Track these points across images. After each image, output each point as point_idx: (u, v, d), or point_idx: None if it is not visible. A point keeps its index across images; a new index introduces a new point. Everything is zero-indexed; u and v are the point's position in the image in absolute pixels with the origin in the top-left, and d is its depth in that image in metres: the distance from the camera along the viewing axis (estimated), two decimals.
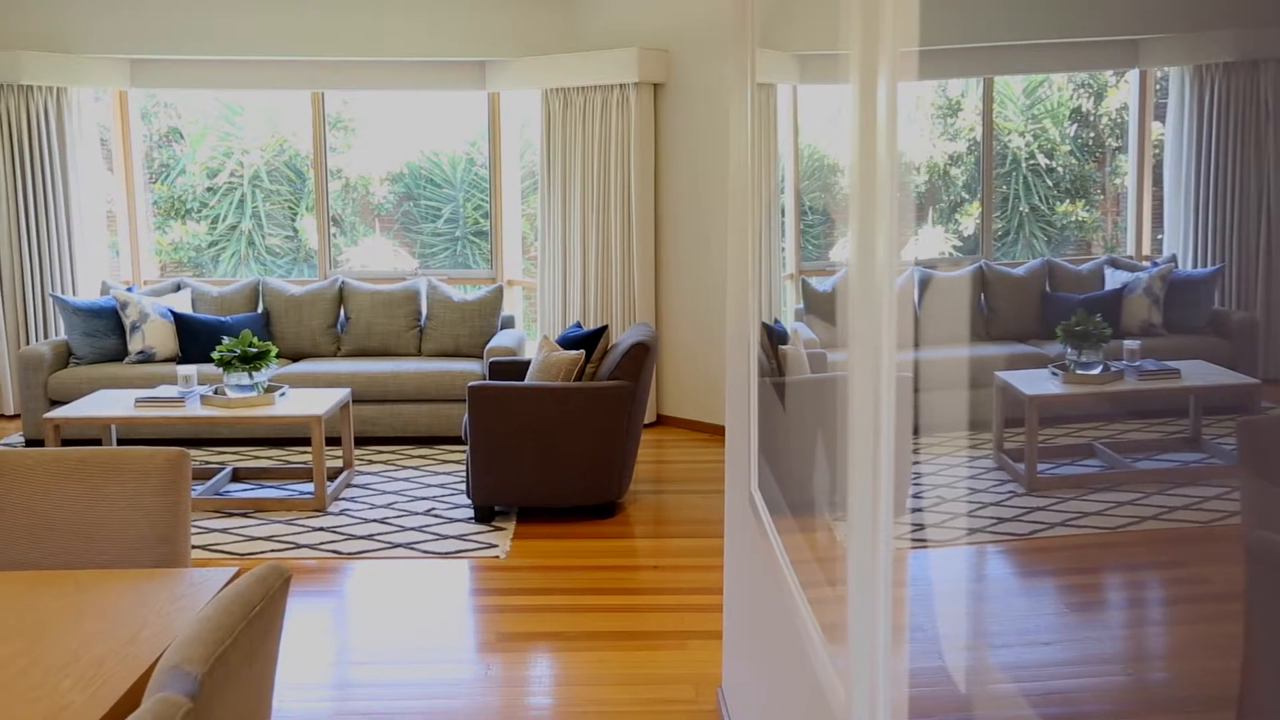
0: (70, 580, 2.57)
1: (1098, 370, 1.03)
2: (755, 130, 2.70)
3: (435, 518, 5.54)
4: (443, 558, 4.99)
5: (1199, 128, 0.94)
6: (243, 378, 5.86)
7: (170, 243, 9.42)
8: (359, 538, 5.25)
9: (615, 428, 5.34)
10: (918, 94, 1.37)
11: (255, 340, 5.89)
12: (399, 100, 9.04)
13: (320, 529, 5.38)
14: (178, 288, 7.68)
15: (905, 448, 1.41)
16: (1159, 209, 1.03)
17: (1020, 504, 1.17)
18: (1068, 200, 1.15)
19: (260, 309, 7.65)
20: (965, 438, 1.29)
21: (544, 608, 4.42)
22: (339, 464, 6.40)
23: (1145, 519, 0.96)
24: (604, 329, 5.61)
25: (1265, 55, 0.79)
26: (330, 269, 8.47)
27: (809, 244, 2.27)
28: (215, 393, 5.90)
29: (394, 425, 7.00)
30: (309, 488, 6.00)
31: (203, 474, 6.14)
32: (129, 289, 7.41)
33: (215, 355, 5.85)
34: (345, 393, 6.17)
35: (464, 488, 5.97)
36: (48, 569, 2.75)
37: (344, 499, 5.85)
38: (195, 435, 7.02)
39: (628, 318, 7.50)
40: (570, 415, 5.31)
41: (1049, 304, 1.12)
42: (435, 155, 9.40)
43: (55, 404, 6.92)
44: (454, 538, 5.23)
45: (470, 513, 5.59)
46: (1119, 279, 1.04)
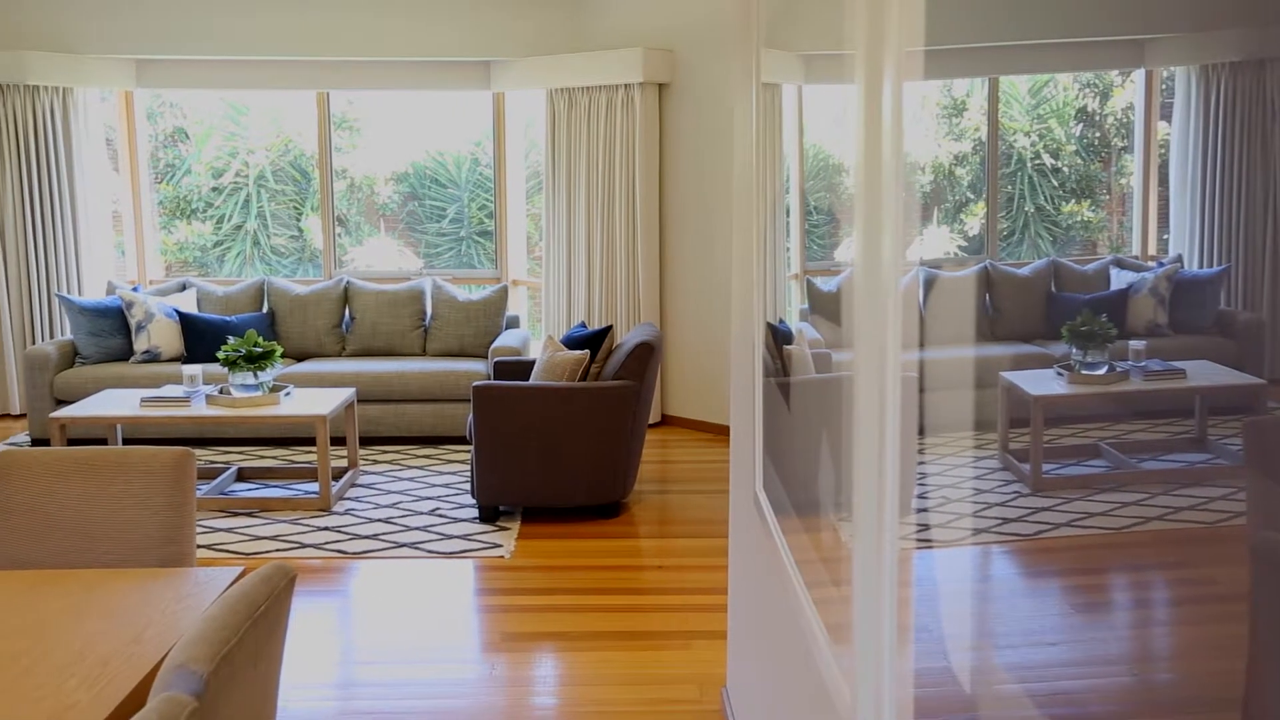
0: (75, 579, 2.57)
1: (1103, 370, 1.03)
2: (760, 130, 2.70)
3: (440, 517, 5.54)
4: (447, 557, 4.99)
5: (1205, 127, 0.94)
6: (248, 377, 5.86)
7: (176, 242, 9.44)
8: (364, 537, 5.26)
9: (620, 428, 5.34)
10: (923, 94, 1.37)
11: (260, 340, 5.90)
12: (404, 100, 9.05)
13: (325, 529, 5.38)
14: (183, 287, 7.69)
15: (910, 448, 1.40)
16: (1165, 209, 1.02)
17: (1025, 504, 1.17)
18: (1073, 200, 1.15)
19: (265, 309, 7.66)
20: (970, 438, 1.29)
21: (548, 608, 4.42)
22: (344, 464, 6.41)
23: (1151, 519, 0.96)
24: (609, 329, 5.61)
25: (1271, 55, 0.79)
26: (335, 269, 8.48)
27: (814, 244, 2.27)
28: (220, 392, 5.91)
29: (399, 425, 7.01)
30: (314, 487, 6.00)
31: (208, 474, 6.15)
32: (134, 289, 7.42)
33: (220, 355, 5.85)
34: (350, 392, 6.18)
35: (469, 488, 5.97)
36: (53, 568, 2.76)
37: (349, 499, 5.86)
38: (200, 435, 7.03)
39: (632, 318, 7.50)
40: (575, 415, 5.31)
41: (1054, 304, 1.12)
42: (440, 155, 9.41)
43: (61, 403, 6.94)
44: (458, 537, 5.24)
45: (475, 512, 5.59)
46: (1124, 279, 1.03)
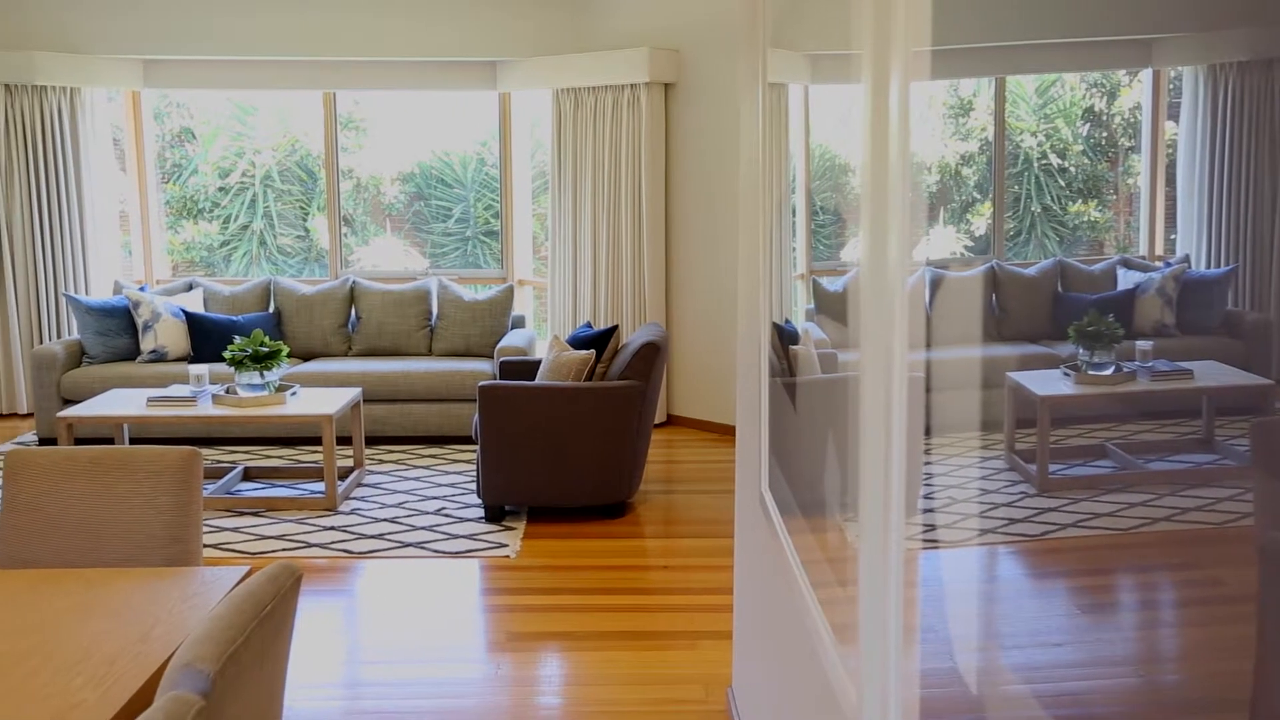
0: (82, 578, 2.58)
1: (1110, 371, 1.02)
2: (766, 130, 2.70)
3: (445, 517, 5.54)
4: (453, 557, 4.99)
5: (1213, 127, 0.94)
6: (254, 377, 5.87)
7: (182, 242, 9.45)
8: (369, 537, 5.26)
9: (625, 427, 5.34)
10: (929, 94, 1.37)
11: (266, 340, 5.91)
12: (410, 100, 9.06)
13: (331, 528, 5.39)
14: (190, 287, 7.71)
15: (917, 448, 1.40)
16: (1172, 209, 1.02)
17: (1032, 505, 1.17)
18: (1080, 200, 1.14)
19: (272, 308, 7.67)
20: (977, 438, 1.29)
21: (554, 607, 4.42)
22: (350, 463, 6.42)
23: (1158, 520, 0.96)
24: (614, 329, 5.61)
25: None
26: (341, 269, 8.49)
27: (820, 244, 2.26)
28: (227, 392, 5.91)
29: (404, 425, 7.01)
30: (320, 487, 6.01)
31: (214, 473, 6.16)
32: (141, 288, 7.44)
33: (227, 355, 5.86)
34: (356, 392, 6.19)
35: (474, 487, 5.97)
36: (60, 567, 2.76)
37: (355, 498, 5.87)
38: (207, 434, 7.04)
39: (638, 317, 7.50)
40: (581, 415, 5.31)
41: (1061, 304, 1.11)
42: (446, 155, 9.42)
43: (68, 403, 6.95)
44: (464, 537, 5.24)
45: (480, 512, 5.59)
46: (1131, 279, 1.03)
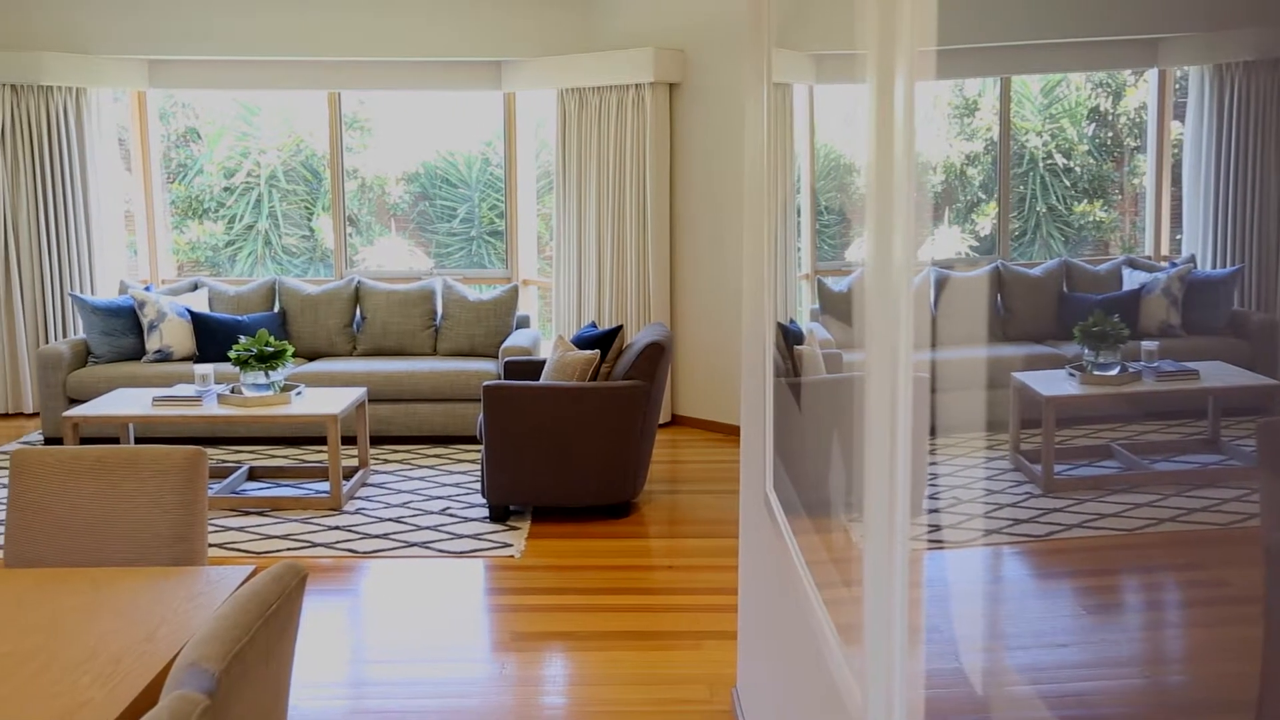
0: (88, 578, 2.58)
1: (1115, 371, 1.02)
2: (771, 130, 2.70)
3: (450, 517, 5.55)
4: (458, 557, 5.00)
5: (1219, 127, 0.94)
6: (259, 377, 5.88)
7: (187, 242, 9.47)
8: (374, 537, 5.27)
9: (630, 427, 5.35)
10: (935, 94, 1.37)
11: (272, 339, 5.91)
12: (415, 100, 9.07)
13: (336, 528, 5.39)
14: (195, 287, 7.72)
15: (922, 448, 1.40)
16: (1178, 209, 1.02)
17: (1037, 505, 1.17)
18: (1085, 200, 1.14)
19: (277, 308, 7.68)
20: (982, 438, 1.29)
21: (558, 607, 4.42)
22: (355, 463, 6.42)
23: (1163, 521, 0.96)
24: (619, 329, 5.61)
25: None
26: (346, 268, 8.50)
27: (825, 244, 2.26)
28: (232, 392, 5.92)
29: (409, 424, 7.02)
30: (325, 487, 6.02)
31: (219, 472, 6.16)
32: (147, 288, 7.45)
33: (232, 354, 5.87)
34: (361, 392, 6.19)
35: (479, 487, 5.98)
36: (66, 566, 2.77)
37: (359, 498, 5.87)
38: (212, 434, 7.05)
39: (643, 317, 7.50)
40: (585, 415, 5.31)
41: (1066, 304, 1.11)
42: (451, 155, 9.42)
43: (74, 402, 6.97)
44: (469, 537, 5.24)
45: (485, 512, 5.60)
46: (1137, 279, 1.03)
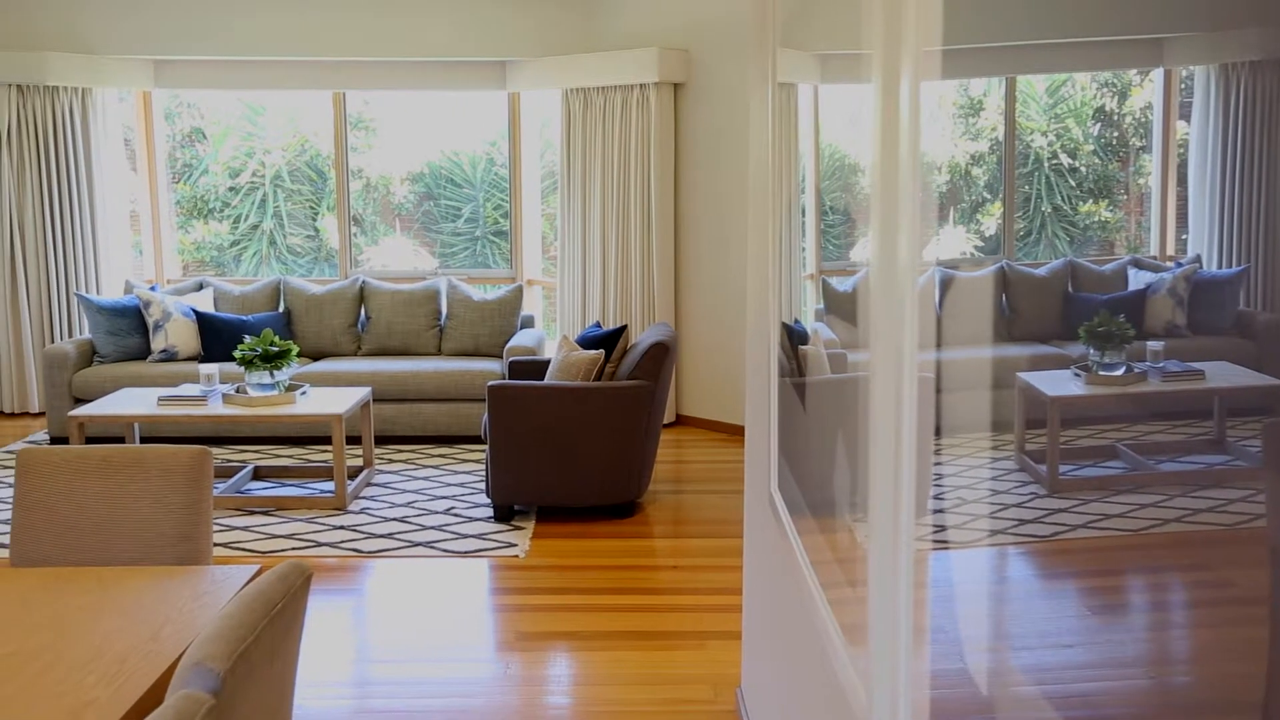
0: (93, 577, 2.59)
1: (1121, 371, 1.02)
2: (776, 130, 2.70)
3: (455, 517, 5.55)
4: (462, 557, 5.00)
5: (1224, 127, 0.94)
6: (264, 376, 5.89)
7: (193, 242, 9.48)
8: (379, 536, 5.27)
9: (634, 427, 5.35)
10: (940, 93, 1.36)
11: (276, 339, 5.92)
12: (420, 100, 9.07)
13: (340, 527, 5.40)
14: (200, 287, 7.73)
15: (926, 448, 1.40)
16: (1183, 209, 1.02)
17: (1042, 506, 1.16)
18: (1091, 200, 1.14)
19: (281, 308, 7.69)
20: (987, 439, 1.29)
21: (563, 607, 4.42)
22: (359, 463, 6.43)
23: (1169, 521, 0.96)
24: (623, 329, 5.61)
25: None
26: (351, 268, 8.51)
27: (829, 244, 2.26)
28: (237, 391, 5.93)
29: (414, 424, 7.02)
30: (329, 486, 6.02)
31: (224, 472, 6.17)
32: (152, 288, 7.46)
33: (237, 354, 5.88)
34: (365, 392, 6.20)
35: (483, 487, 5.98)
36: (71, 565, 2.77)
37: (364, 498, 5.88)
38: (217, 434, 7.06)
39: (647, 317, 7.50)
40: (590, 415, 5.31)
41: (1071, 305, 1.11)
42: (455, 155, 9.43)
43: (79, 402, 6.98)
44: (473, 537, 5.25)
45: (490, 512, 5.60)
46: (1142, 279, 1.03)
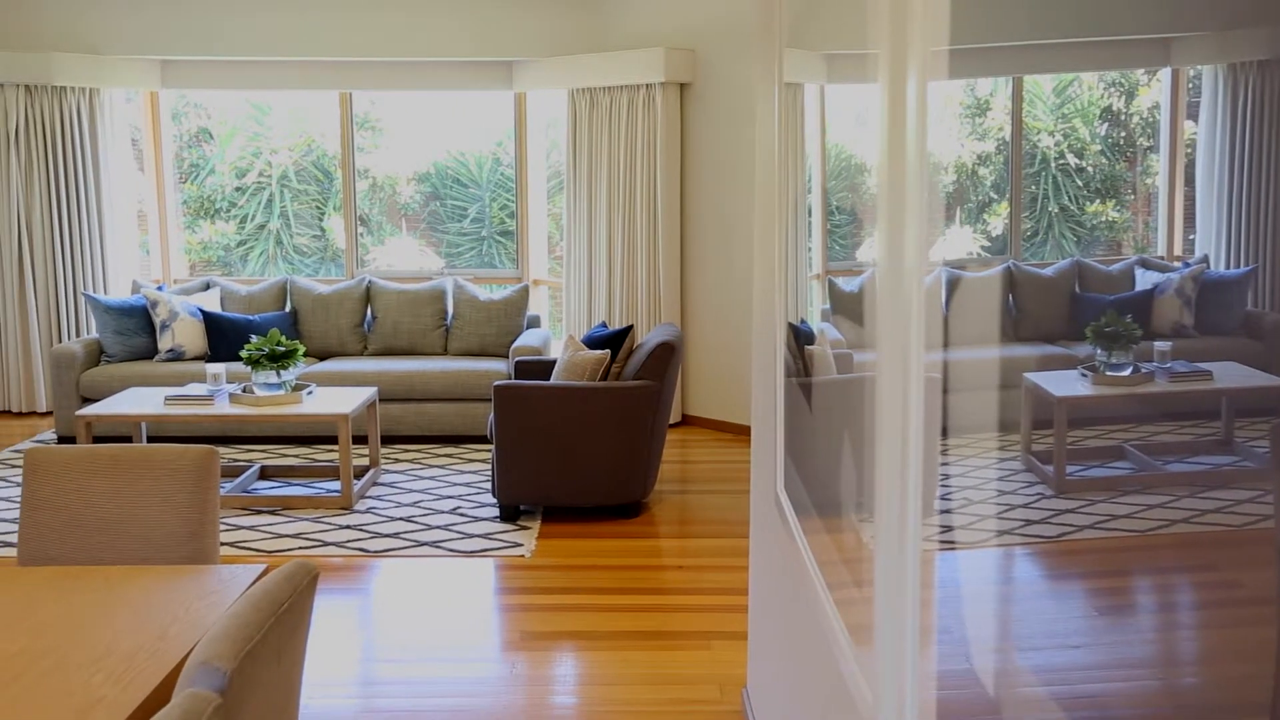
0: (101, 576, 2.59)
1: (1128, 372, 1.02)
2: (782, 130, 2.70)
3: (461, 516, 5.55)
4: (468, 556, 5.00)
5: (1232, 127, 0.93)
6: (271, 376, 5.90)
7: (200, 242, 9.50)
8: (385, 536, 5.28)
9: (640, 427, 5.35)
10: (947, 93, 1.36)
11: (283, 339, 5.93)
12: (426, 100, 9.08)
13: (347, 527, 5.41)
14: (207, 287, 7.74)
15: (933, 449, 1.40)
16: (1191, 209, 1.02)
17: (1049, 506, 1.16)
18: (1098, 200, 1.14)
19: (288, 308, 7.70)
20: (994, 439, 1.28)
21: (569, 607, 4.42)
22: (365, 462, 6.44)
23: (1176, 522, 0.96)
24: (629, 329, 5.61)
25: None
26: (357, 268, 8.52)
27: (836, 244, 2.26)
28: (244, 391, 5.94)
29: (420, 424, 7.03)
30: (336, 486, 6.03)
31: (231, 471, 6.18)
32: (159, 288, 7.48)
33: (244, 354, 5.89)
34: (372, 391, 6.20)
35: (489, 487, 5.98)
36: (79, 564, 2.78)
37: (370, 497, 5.89)
38: (224, 433, 7.07)
39: (653, 317, 7.50)
40: (595, 415, 5.31)
41: (1079, 305, 1.11)
42: (462, 155, 9.44)
43: (87, 401, 6.99)
44: (479, 536, 5.25)
45: (495, 512, 5.60)
46: (1150, 280, 1.03)
